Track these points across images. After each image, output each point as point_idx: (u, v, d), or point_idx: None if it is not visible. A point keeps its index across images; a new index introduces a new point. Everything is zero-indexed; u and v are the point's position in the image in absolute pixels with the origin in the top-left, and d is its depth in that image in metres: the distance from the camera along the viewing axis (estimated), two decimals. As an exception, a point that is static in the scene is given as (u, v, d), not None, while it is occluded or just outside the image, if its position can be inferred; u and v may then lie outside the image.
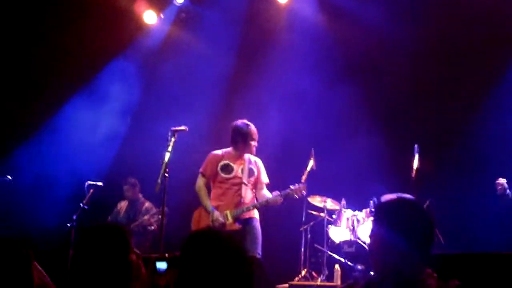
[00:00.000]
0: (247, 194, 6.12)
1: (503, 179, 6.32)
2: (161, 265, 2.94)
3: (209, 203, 6.11)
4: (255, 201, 6.24)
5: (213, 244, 2.18)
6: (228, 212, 6.01)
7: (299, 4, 8.67)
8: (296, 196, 6.12)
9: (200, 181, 6.25)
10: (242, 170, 6.15)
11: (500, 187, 6.32)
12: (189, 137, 6.43)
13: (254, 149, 6.25)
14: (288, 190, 6.11)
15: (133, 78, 8.96)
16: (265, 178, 6.32)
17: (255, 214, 6.22)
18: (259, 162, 6.36)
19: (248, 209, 6.05)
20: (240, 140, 6.20)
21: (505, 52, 7.65)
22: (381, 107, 8.50)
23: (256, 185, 6.27)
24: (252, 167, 6.24)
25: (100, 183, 7.68)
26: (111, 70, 8.90)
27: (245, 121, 6.32)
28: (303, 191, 6.14)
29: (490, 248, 6.83)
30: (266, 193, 6.24)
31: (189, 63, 8.84)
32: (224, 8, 8.66)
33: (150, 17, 8.88)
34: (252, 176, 6.21)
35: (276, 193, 6.11)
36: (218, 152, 6.33)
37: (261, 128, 8.24)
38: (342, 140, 8.31)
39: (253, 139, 6.22)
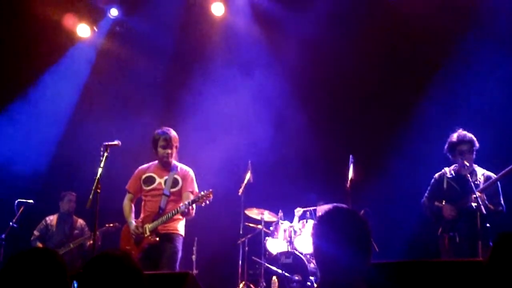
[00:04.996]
0: (168, 205, 5.96)
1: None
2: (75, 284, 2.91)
3: (130, 218, 6.04)
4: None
5: (108, 265, 2.44)
6: (147, 226, 5.91)
7: (234, 17, 8.71)
8: (202, 204, 5.83)
9: (126, 198, 6.20)
10: (166, 181, 6.02)
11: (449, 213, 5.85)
12: (124, 151, 6.31)
13: (168, 155, 6.03)
14: (194, 197, 5.86)
15: (66, 90, 8.78)
16: (191, 187, 6.07)
17: (179, 229, 6.02)
18: (188, 172, 6.15)
19: (167, 219, 5.86)
20: (152, 148, 6.11)
21: (434, 63, 7.88)
22: (316, 119, 8.62)
23: (181, 196, 6.06)
24: (177, 177, 6.07)
25: (30, 201, 7.46)
26: (44, 82, 8.70)
27: (164, 128, 6.15)
28: (210, 197, 5.78)
29: (422, 256, 6.95)
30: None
31: (124, 75, 8.76)
32: (159, 22, 8.62)
33: (83, 30, 8.75)
34: (176, 186, 6.04)
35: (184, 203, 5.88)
36: (145, 166, 6.26)
37: (196, 140, 8.26)
38: (279, 152, 8.37)
39: (162, 146, 6.01)
